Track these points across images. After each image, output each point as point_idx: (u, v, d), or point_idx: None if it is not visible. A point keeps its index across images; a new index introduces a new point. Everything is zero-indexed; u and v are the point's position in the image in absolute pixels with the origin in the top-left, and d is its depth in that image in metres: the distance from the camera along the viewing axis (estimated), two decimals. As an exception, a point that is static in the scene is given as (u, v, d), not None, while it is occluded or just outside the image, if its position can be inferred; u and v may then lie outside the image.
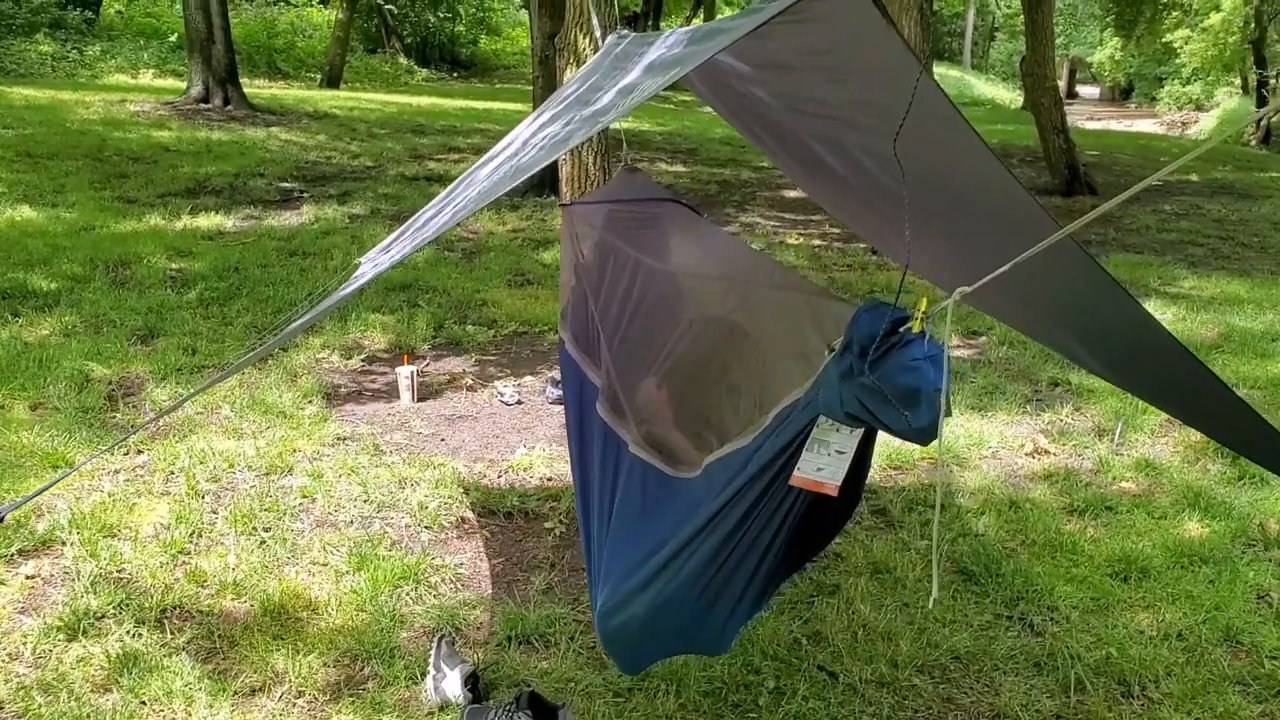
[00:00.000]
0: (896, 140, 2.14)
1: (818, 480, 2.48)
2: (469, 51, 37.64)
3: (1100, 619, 4.61)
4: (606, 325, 3.85)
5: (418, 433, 6.39)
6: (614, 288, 3.95)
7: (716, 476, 2.89)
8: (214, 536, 4.94)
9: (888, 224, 3.43)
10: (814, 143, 3.11)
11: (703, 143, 20.76)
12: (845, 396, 2.26)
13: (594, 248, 4.16)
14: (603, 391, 3.74)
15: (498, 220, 12.39)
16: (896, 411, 2.18)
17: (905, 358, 2.15)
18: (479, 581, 4.79)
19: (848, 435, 2.43)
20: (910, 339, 2.16)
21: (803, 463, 2.48)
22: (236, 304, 8.55)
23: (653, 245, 4.00)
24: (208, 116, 18.27)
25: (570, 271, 4.34)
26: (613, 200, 4.27)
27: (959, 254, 2.99)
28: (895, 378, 2.15)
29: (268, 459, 5.70)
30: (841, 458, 2.45)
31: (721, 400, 3.42)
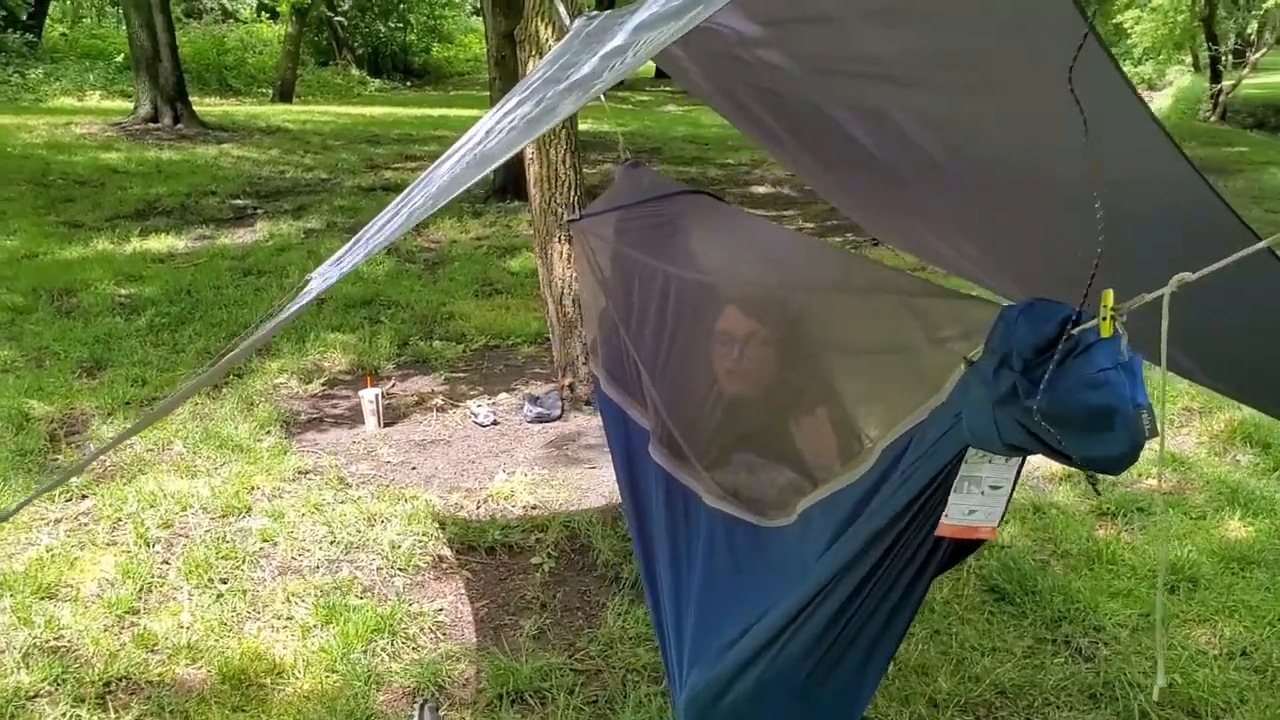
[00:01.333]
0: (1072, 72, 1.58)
1: (970, 525, 2.02)
2: (422, 60, 37.05)
3: (1154, 638, 4.17)
4: (644, 354, 3.32)
5: (385, 462, 5.89)
6: (645, 309, 3.39)
7: (818, 524, 2.41)
8: (165, 591, 4.43)
9: (940, 214, 2.95)
10: (845, 116, 2.64)
11: (666, 141, 20.33)
12: (1004, 425, 1.76)
13: (612, 265, 3.63)
14: (654, 434, 3.21)
15: (460, 228, 11.89)
16: (1081, 438, 1.68)
17: (1088, 369, 1.65)
18: (462, 629, 4.30)
19: (1003, 466, 1.96)
20: (1091, 344, 1.66)
21: (951, 508, 2.01)
22: (189, 329, 8.03)
23: (679, 251, 3.45)
24: (157, 136, 17.69)
25: (593, 296, 3.78)
26: (623, 205, 3.72)
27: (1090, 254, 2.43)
28: (1078, 397, 1.65)
29: (224, 499, 5.19)
30: (997, 494, 1.98)
31: (802, 431, 2.94)
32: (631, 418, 3.42)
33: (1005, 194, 2.35)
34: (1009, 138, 2.09)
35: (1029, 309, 1.74)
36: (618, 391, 3.53)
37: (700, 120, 24.36)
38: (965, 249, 3.10)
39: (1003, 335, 1.75)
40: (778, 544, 2.61)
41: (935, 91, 2.11)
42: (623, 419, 3.47)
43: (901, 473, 2.08)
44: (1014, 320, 1.74)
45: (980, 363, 1.81)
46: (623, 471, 3.42)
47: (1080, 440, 1.67)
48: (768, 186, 15.63)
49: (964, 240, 3.04)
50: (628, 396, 3.47)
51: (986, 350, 1.80)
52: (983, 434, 1.82)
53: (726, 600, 2.69)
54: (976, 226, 2.83)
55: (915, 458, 2.04)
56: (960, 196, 2.63)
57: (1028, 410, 1.68)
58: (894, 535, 2.09)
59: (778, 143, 3.74)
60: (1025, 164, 2.15)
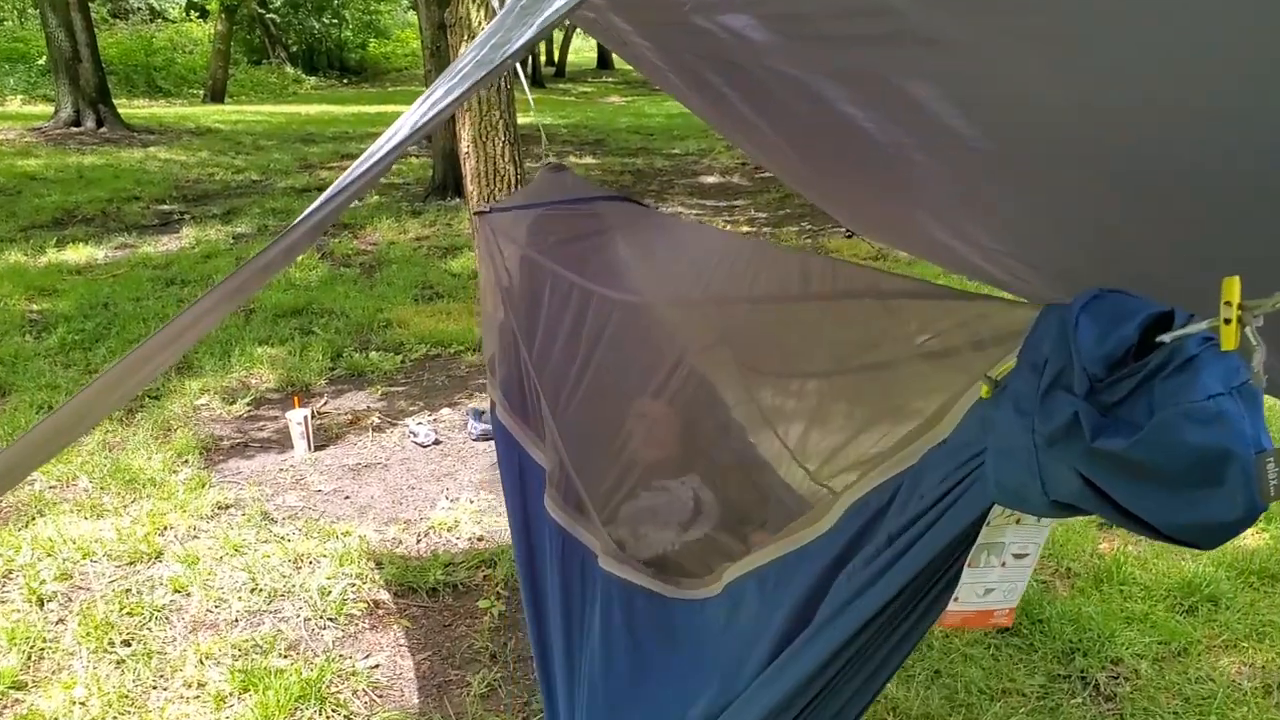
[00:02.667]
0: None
1: (985, 610, 1.51)
2: (358, 56, 36.27)
3: (1179, 670, 3.73)
4: (547, 382, 2.82)
5: (316, 491, 5.33)
6: (554, 329, 2.91)
7: (756, 600, 1.90)
8: (58, 659, 3.87)
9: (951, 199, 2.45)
10: (833, 89, 2.14)
11: (610, 133, 19.83)
12: (1054, 473, 1.22)
13: (521, 273, 3.10)
14: (551, 478, 2.70)
15: (398, 228, 11.30)
16: (1174, 496, 1.14)
17: (1192, 395, 1.11)
18: (401, 689, 3.77)
19: (1034, 528, 1.44)
20: (1195, 356, 1.13)
21: (963, 589, 1.48)
22: (103, 347, 7.41)
23: (602, 264, 2.96)
24: (80, 140, 16.96)
25: (494, 304, 3.23)
26: (538, 204, 3.19)
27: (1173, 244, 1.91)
28: (1175, 436, 1.11)
29: (131, 543, 4.62)
30: (1021, 565, 1.47)
31: (752, 457, 2.44)
32: (529, 454, 2.91)
33: (1054, 172, 1.85)
34: (1066, 101, 1.59)
35: (1096, 303, 1.21)
36: (514, 421, 3.02)
37: (644, 110, 23.90)
38: (980, 239, 2.60)
39: (1055, 342, 1.22)
40: (695, 621, 2.10)
41: (965, 50, 1.61)
42: (517, 454, 2.97)
43: (885, 541, 1.53)
44: (1073, 320, 1.20)
45: (1014, 383, 1.28)
46: (516, 514, 2.92)
47: (1171, 500, 1.14)
48: (716, 176, 15.17)
49: (979, 230, 2.55)
50: (523, 428, 2.97)
51: (1022, 364, 1.27)
52: (1016, 487, 1.28)
53: (625, 683, 2.19)
54: (999, 212, 2.34)
55: (906, 520, 1.50)
56: (984, 176, 2.14)
57: (1094, 453, 1.16)
58: (876, 627, 1.56)
59: (741, 125, 3.24)
60: (1086, 135, 1.65)
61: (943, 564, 1.47)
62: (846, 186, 3.19)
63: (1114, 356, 1.16)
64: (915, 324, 1.78)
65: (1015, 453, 1.26)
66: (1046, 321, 1.25)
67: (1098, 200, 1.82)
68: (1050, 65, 1.50)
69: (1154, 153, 1.54)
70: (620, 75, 35.90)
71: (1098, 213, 1.86)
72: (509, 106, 6.13)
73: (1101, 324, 1.18)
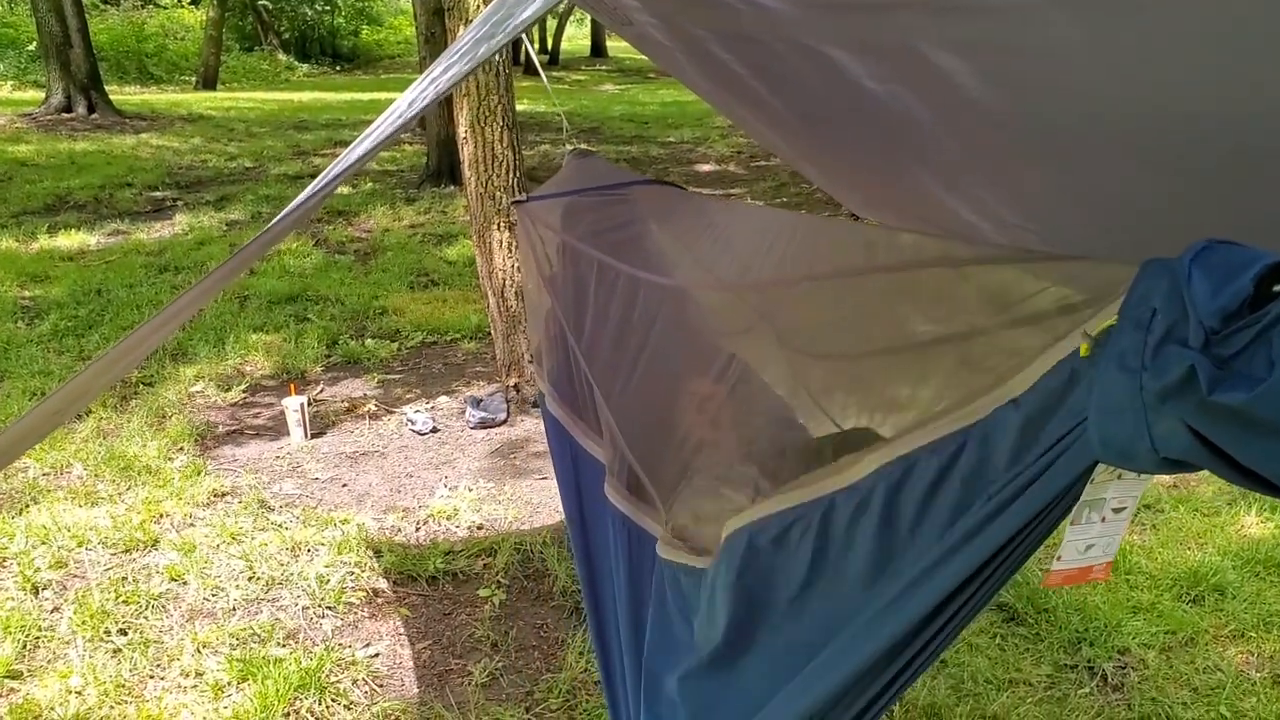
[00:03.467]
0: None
1: (1085, 565, 1.46)
2: (351, 44, 36.08)
3: (1186, 660, 3.70)
4: (600, 372, 2.74)
5: (313, 479, 5.28)
6: (602, 315, 2.80)
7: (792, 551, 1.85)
8: (54, 648, 3.82)
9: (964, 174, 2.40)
10: (852, 62, 2.09)
11: (604, 121, 19.75)
12: (1165, 429, 1.19)
13: (563, 260, 3.02)
14: (611, 468, 2.62)
15: (393, 215, 11.23)
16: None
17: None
18: (400, 679, 3.73)
19: (1133, 483, 1.40)
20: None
21: (1067, 547, 1.44)
22: (96, 334, 7.34)
23: (644, 250, 2.87)
24: (71, 126, 16.84)
25: (537, 294, 3.17)
26: (574, 191, 3.11)
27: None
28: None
29: (127, 531, 4.57)
30: (1119, 518, 1.42)
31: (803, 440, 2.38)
32: (581, 446, 2.84)
33: (1085, 148, 1.81)
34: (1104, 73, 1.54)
35: (1207, 254, 1.16)
36: (565, 413, 2.94)
37: (638, 99, 23.81)
38: (1003, 215, 2.56)
39: (1166, 297, 1.17)
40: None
41: (998, 16, 1.56)
42: (570, 447, 2.89)
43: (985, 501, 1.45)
44: (1186, 274, 1.15)
45: (1119, 339, 1.22)
46: (572, 511, 2.84)
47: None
48: (712, 164, 15.11)
49: (1003, 206, 2.50)
50: (576, 420, 2.88)
51: (1125, 320, 1.22)
52: (1122, 445, 1.24)
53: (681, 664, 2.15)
54: (1024, 188, 2.29)
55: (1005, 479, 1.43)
56: (1010, 152, 2.09)
57: (1210, 406, 1.11)
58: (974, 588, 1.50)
59: (751, 105, 3.18)
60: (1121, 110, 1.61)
61: (1042, 522, 1.42)
62: (860, 165, 3.13)
63: (1230, 308, 1.11)
64: (997, 291, 1.71)
65: (1122, 410, 1.22)
66: (1153, 275, 1.19)
67: (1129, 178, 1.77)
68: (1089, 33, 1.46)
69: (1195, 129, 1.49)
70: (614, 63, 35.79)
71: (1129, 190, 1.82)
72: (507, 91, 6.07)
73: (1215, 276, 1.13)
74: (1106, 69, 1.48)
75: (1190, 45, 1.33)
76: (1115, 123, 1.63)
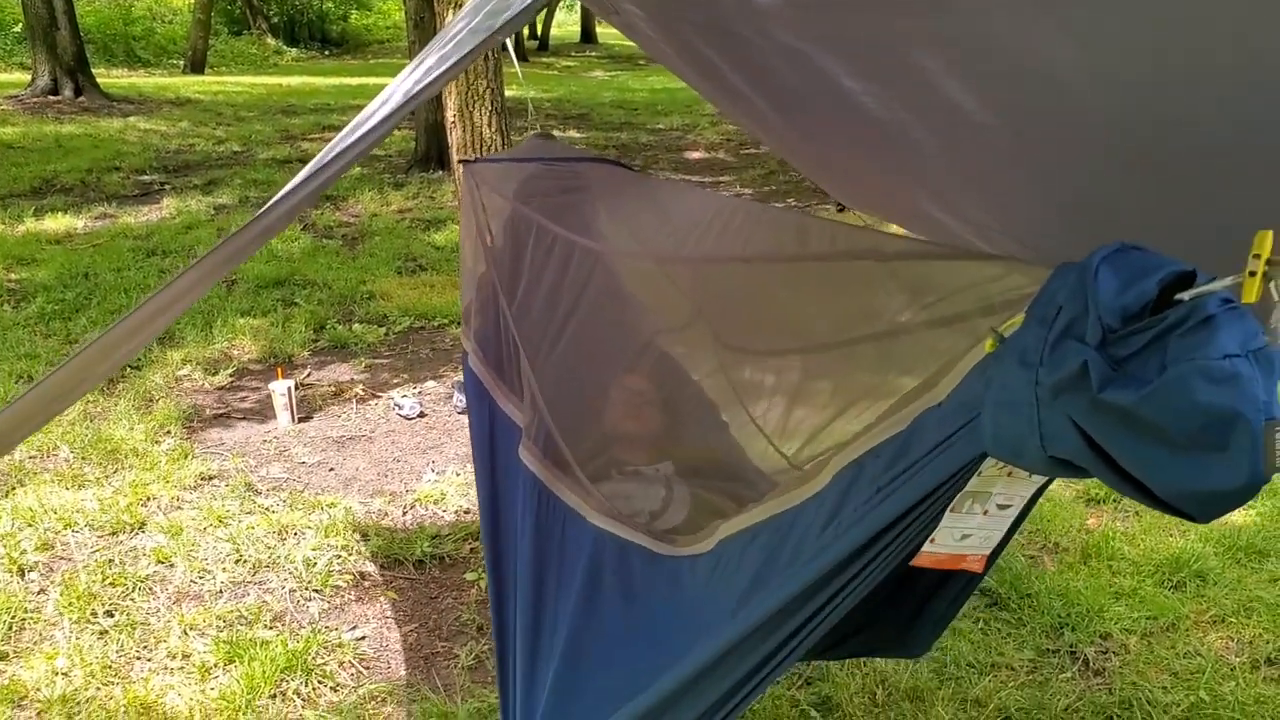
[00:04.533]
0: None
1: (957, 554, 1.49)
2: (339, 28, 35.90)
3: (1167, 645, 3.74)
4: (528, 334, 2.77)
5: (300, 463, 5.29)
6: (535, 281, 2.86)
7: (736, 558, 1.87)
8: (41, 629, 3.83)
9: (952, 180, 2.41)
10: (832, 61, 2.10)
11: (593, 107, 19.73)
12: (1053, 426, 1.19)
13: (505, 227, 3.06)
14: (528, 431, 2.64)
15: (381, 200, 11.21)
16: (1176, 458, 1.11)
17: (1207, 352, 1.08)
18: (387, 661, 3.75)
19: (1024, 481, 1.42)
20: (1213, 315, 1.09)
21: (941, 532, 1.46)
22: (84, 317, 7.32)
23: (585, 221, 2.93)
24: (57, 109, 16.75)
25: (474, 255, 3.20)
26: (526, 159, 3.17)
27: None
28: (1185, 392, 1.08)
29: (114, 514, 4.58)
30: (1003, 515, 1.45)
31: (725, 441, 2.41)
32: (500, 407, 2.86)
33: (1060, 150, 1.82)
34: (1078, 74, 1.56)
35: (1118, 256, 1.18)
36: (487, 373, 2.96)
37: (628, 85, 23.79)
38: (977, 216, 2.57)
39: (1071, 293, 1.19)
40: (685, 578, 2.06)
41: (975, 16, 1.57)
42: (489, 407, 2.91)
43: (874, 491, 1.51)
44: (1093, 271, 1.17)
45: (1023, 334, 1.24)
46: (483, 472, 2.86)
47: (1173, 462, 1.11)
48: (701, 152, 15.11)
49: (977, 207, 2.52)
50: (498, 381, 2.90)
51: (1031, 318, 1.24)
52: (1013, 440, 1.25)
53: (611, 643, 2.15)
54: (998, 189, 2.31)
55: (895, 473, 1.48)
56: (985, 152, 2.11)
57: (1099, 405, 1.13)
58: (851, 573, 1.53)
59: (735, 98, 3.19)
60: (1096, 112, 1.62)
61: (927, 509, 1.45)
62: (842, 160, 3.15)
63: (1131, 310, 1.14)
64: (919, 288, 1.74)
65: (1016, 405, 1.23)
66: (1062, 275, 1.22)
67: (1104, 180, 1.79)
68: (1064, 34, 1.47)
69: (1169, 130, 1.51)
70: (604, 49, 35.72)
71: (1104, 193, 1.84)
72: (496, 76, 6.07)
73: (1122, 275, 1.15)
74: (1083, 69, 1.50)
75: (1149, 49, 1.35)
76: (1095, 124, 1.64)
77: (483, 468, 2.87)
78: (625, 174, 3.14)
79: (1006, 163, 2.11)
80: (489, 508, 2.79)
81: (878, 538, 1.47)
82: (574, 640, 2.21)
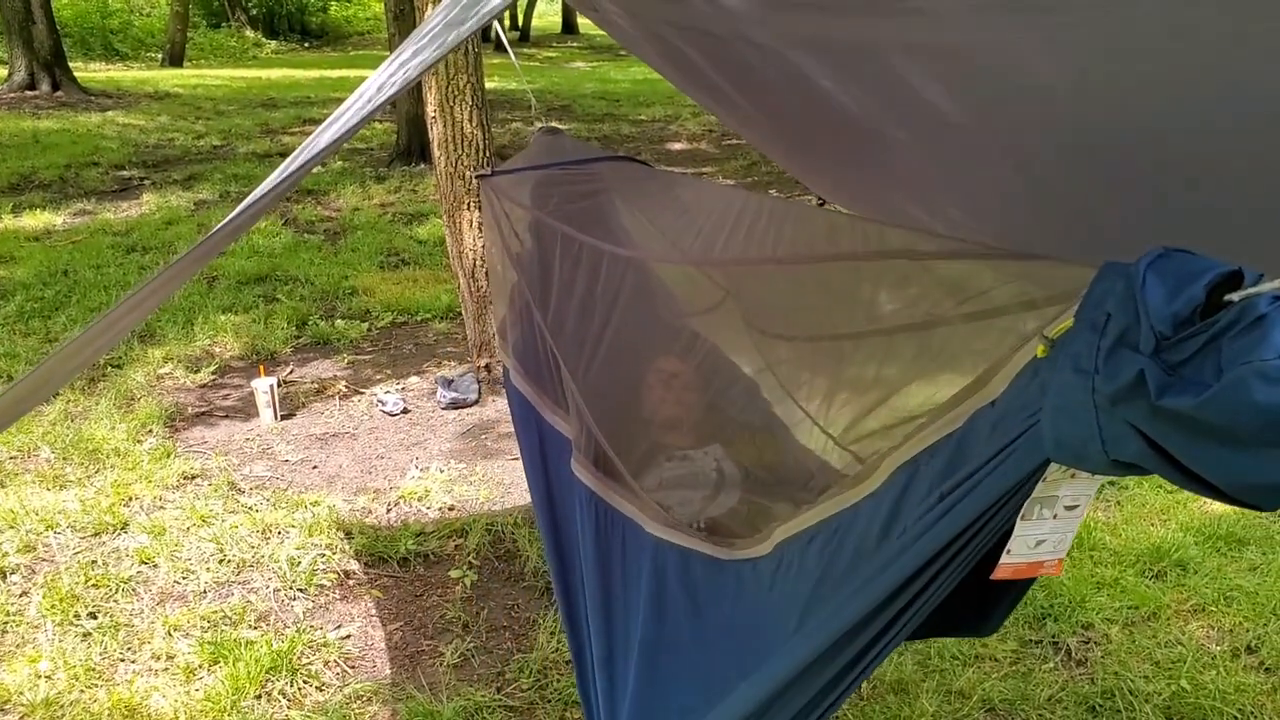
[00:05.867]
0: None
1: (1035, 561, 1.49)
2: (319, 20, 35.71)
3: (1149, 635, 3.76)
4: (566, 347, 2.75)
5: (283, 461, 5.27)
6: (567, 292, 2.81)
7: (799, 562, 1.86)
8: (23, 632, 3.81)
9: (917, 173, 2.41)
10: (811, 62, 2.10)
11: (575, 99, 19.66)
12: (1114, 431, 1.20)
13: (530, 235, 3.03)
14: (577, 444, 2.63)
15: (363, 194, 11.17)
16: (1239, 456, 1.11)
17: (1263, 353, 1.08)
18: (373, 660, 3.75)
19: (1087, 481, 1.42)
20: (1264, 315, 1.09)
21: (1016, 541, 1.46)
22: (63, 315, 7.28)
23: (611, 224, 2.88)
24: (35, 104, 16.63)
25: (503, 269, 3.18)
26: (540, 166, 3.13)
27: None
28: (1244, 395, 1.08)
29: (96, 514, 4.56)
30: (1072, 515, 1.45)
31: (770, 422, 2.40)
32: (547, 421, 2.86)
33: (1035, 151, 1.82)
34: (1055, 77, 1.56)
35: (1163, 261, 1.17)
36: (530, 388, 2.95)
37: (610, 76, 23.73)
38: (955, 218, 2.58)
39: (1120, 300, 1.18)
40: (749, 581, 2.06)
41: (952, 20, 1.57)
42: (535, 422, 2.90)
43: (936, 499, 1.51)
44: (1140, 277, 1.16)
45: (1073, 341, 1.24)
46: (537, 487, 2.86)
47: (1237, 460, 1.12)
48: (684, 143, 15.09)
49: (955, 209, 2.52)
50: (542, 395, 2.89)
51: (1081, 323, 1.24)
52: (1075, 445, 1.25)
53: (683, 652, 2.16)
54: (975, 190, 2.32)
55: (957, 480, 1.47)
56: (962, 154, 2.11)
57: (1159, 411, 1.13)
58: (921, 584, 1.53)
59: (714, 95, 3.18)
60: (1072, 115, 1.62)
61: (992, 518, 1.45)
62: (821, 156, 3.15)
63: (1182, 315, 1.13)
64: (957, 284, 1.73)
65: (1075, 411, 1.23)
66: (1109, 279, 1.21)
67: (1079, 180, 1.79)
68: (1040, 38, 1.47)
69: (1144, 133, 1.51)
70: (585, 40, 35.62)
71: (1078, 193, 1.84)
72: (476, 70, 6.04)
73: (1169, 282, 1.15)
74: (1058, 73, 1.50)
75: (1126, 52, 1.35)
76: (1068, 126, 1.65)
77: (537, 484, 2.85)
78: (641, 170, 3.09)
79: (983, 163, 2.11)
80: (548, 523, 2.78)
81: (946, 549, 1.47)
82: (647, 652, 2.21)
